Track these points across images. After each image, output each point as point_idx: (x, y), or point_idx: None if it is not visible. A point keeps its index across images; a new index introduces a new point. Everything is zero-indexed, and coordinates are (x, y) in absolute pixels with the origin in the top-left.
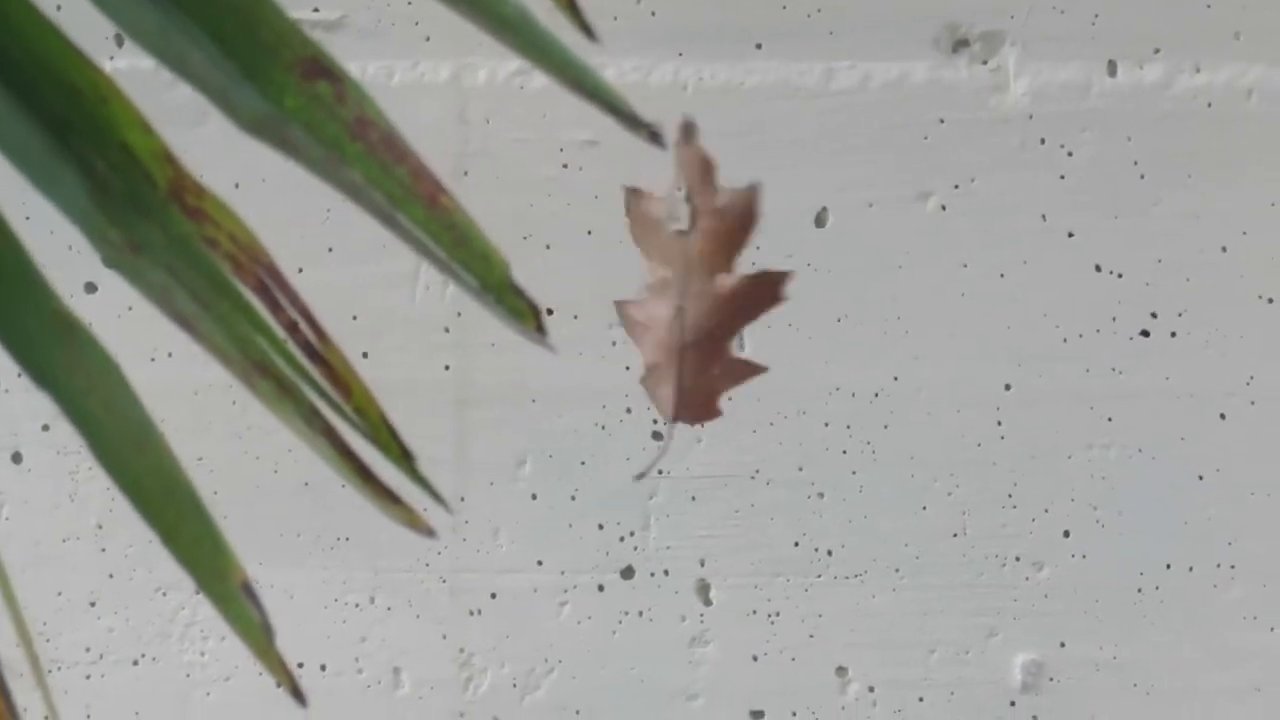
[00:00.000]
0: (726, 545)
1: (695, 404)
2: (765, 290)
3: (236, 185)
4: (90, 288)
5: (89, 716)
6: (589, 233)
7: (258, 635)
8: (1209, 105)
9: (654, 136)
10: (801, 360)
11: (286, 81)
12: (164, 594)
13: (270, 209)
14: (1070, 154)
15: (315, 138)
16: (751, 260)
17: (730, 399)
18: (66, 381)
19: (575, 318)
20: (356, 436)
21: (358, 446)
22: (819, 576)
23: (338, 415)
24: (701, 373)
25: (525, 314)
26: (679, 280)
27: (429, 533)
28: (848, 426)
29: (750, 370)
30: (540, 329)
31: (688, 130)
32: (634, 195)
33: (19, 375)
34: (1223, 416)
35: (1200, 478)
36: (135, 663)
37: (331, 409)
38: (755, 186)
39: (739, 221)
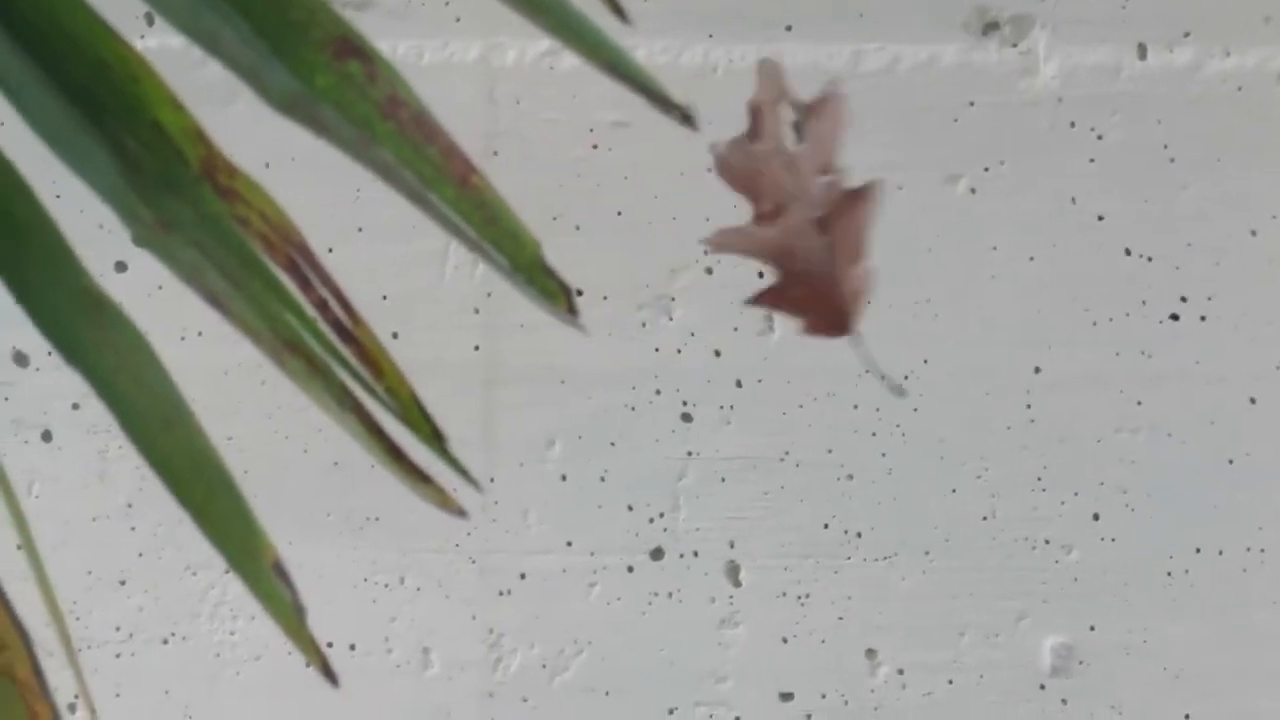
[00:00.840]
0: (756, 527)
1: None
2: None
3: (267, 165)
4: (121, 266)
5: (119, 695)
6: (619, 214)
7: (289, 614)
8: (1239, 89)
9: (685, 118)
10: (832, 343)
11: (317, 60)
12: (194, 573)
13: (301, 188)
14: (1100, 137)
15: (346, 117)
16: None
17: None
18: (97, 359)
19: (605, 299)
20: (387, 416)
21: (388, 426)
22: (848, 559)
23: (368, 394)
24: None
25: (557, 294)
26: (804, 192)
27: (460, 513)
28: (877, 409)
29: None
30: (572, 310)
31: (767, 69)
32: (731, 146)
33: (49, 353)
34: (1253, 401)
35: (1230, 461)
36: (165, 641)
37: (362, 388)
38: (835, 85)
39: (834, 120)
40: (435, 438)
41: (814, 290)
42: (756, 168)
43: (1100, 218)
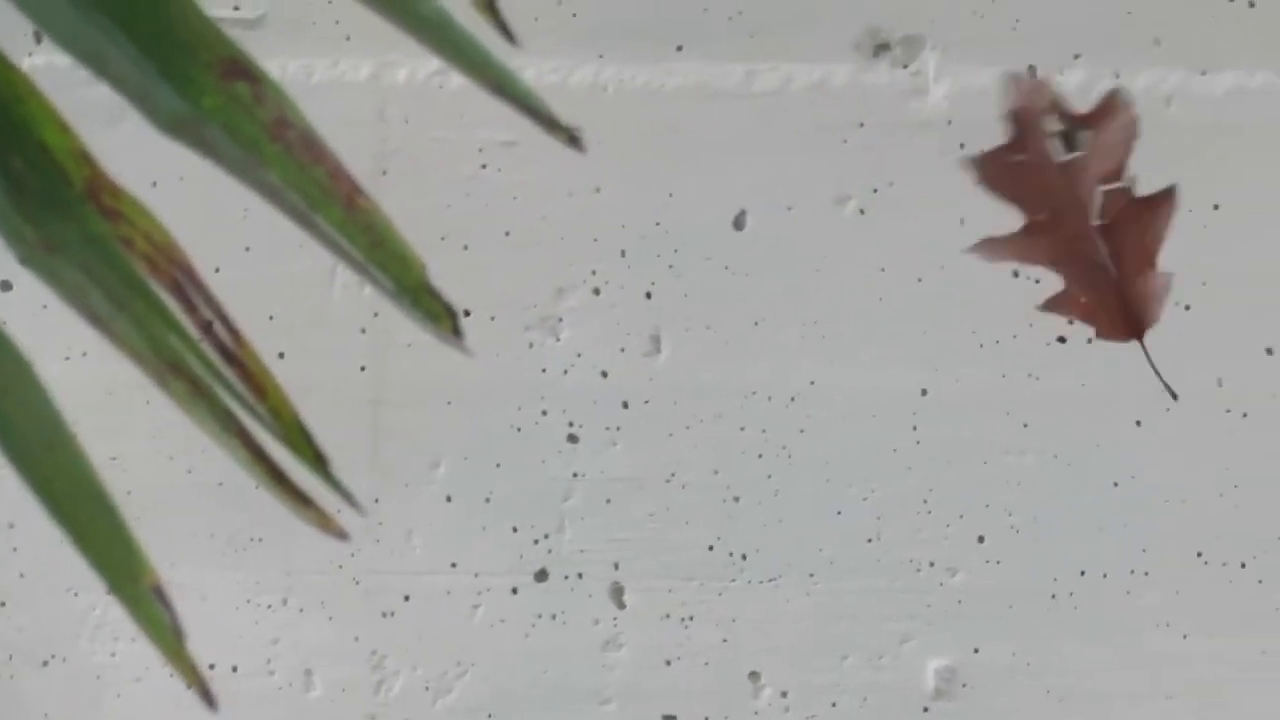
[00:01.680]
0: (641, 549)
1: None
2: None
3: (154, 184)
4: (5, 286)
5: None
6: (507, 233)
7: (168, 638)
8: None
9: (572, 139)
10: (718, 363)
11: (205, 81)
12: (75, 594)
13: (188, 207)
14: None
15: (233, 138)
16: (669, 264)
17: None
18: None
19: (492, 319)
20: (271, 438)
21: (272, 448)
22: (733, 581)
23: (252, 417)
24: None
25: (441, 316)
26: (1082, 201)
27: (342, 536)
28: (764, 430)
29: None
30: (456, 331)
31: (1022, 79)
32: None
33: None
34: (1138, 423)
35: (1115, 484)
36: (45, 664)
37: (246, 410)
38: (1120, 89)
39: (1122, 124)
40: (318, 461)
41: (1102, 296)
42: (1024, 177)
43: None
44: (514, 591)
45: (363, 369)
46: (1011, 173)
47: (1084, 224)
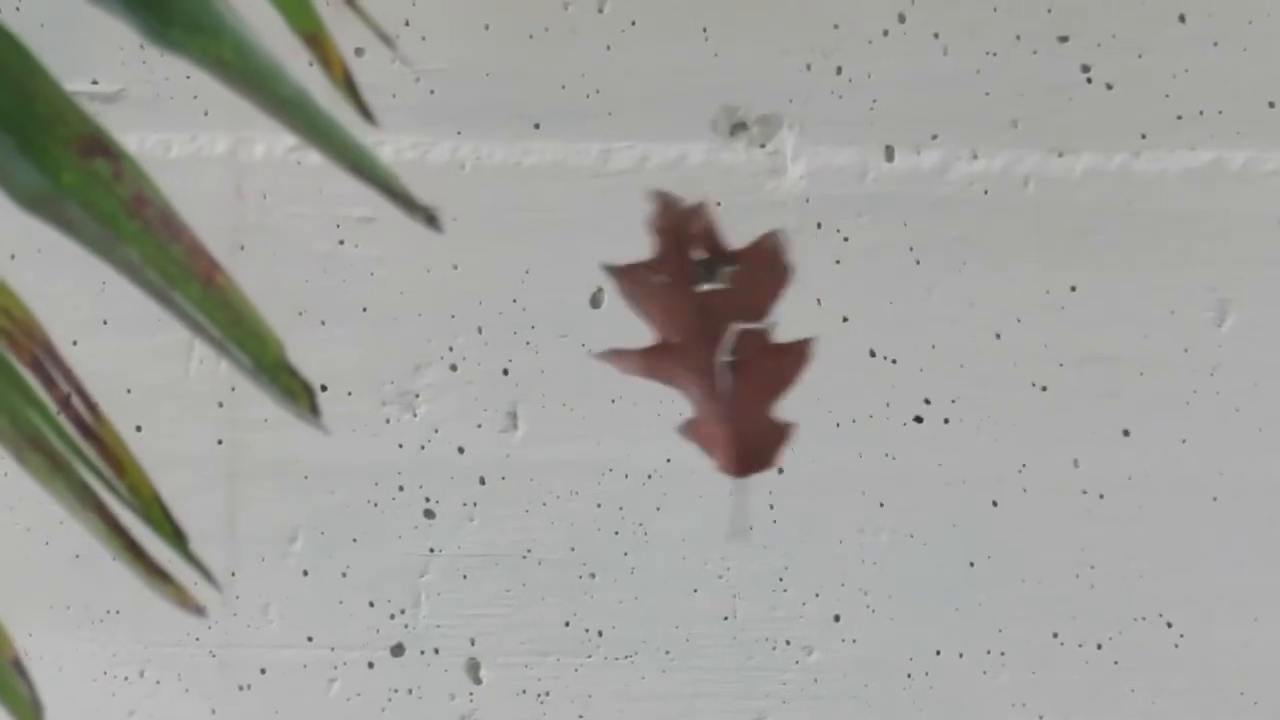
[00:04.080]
0: (497, 624)
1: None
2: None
3: (13, 256)
4: None
5: None
6: (364, 309)
7: (27, 711)
8: (985, 192)
9: (430, 219)
10: (575, 440)
11: (64, 158)
12: None
13: (46, 280)
14: (846, 239)
15: (92, 215)
16: (526, 340)
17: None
18: None
19: (349, 394)
20: (128, 512)
21: (129, 522)
22: (589, 657)
23: (110, 491)
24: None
25: (299, 394)
26: (722, 336)
27: (199, 611)
28: (620, 507)
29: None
30: (314, 409)
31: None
32: (628, 270)
33: None
34: (994, 504)
35: (971, 564)
36: None
37: (103, 485)
38: (778, 232)
39: (772, 267)
40: (176, 537)
41: (721, 430)
42: (661, 296)
43: (845, 319)
44: (370, 666)
45: (220, 443)
46: (649, 290)
47: (711, 356)
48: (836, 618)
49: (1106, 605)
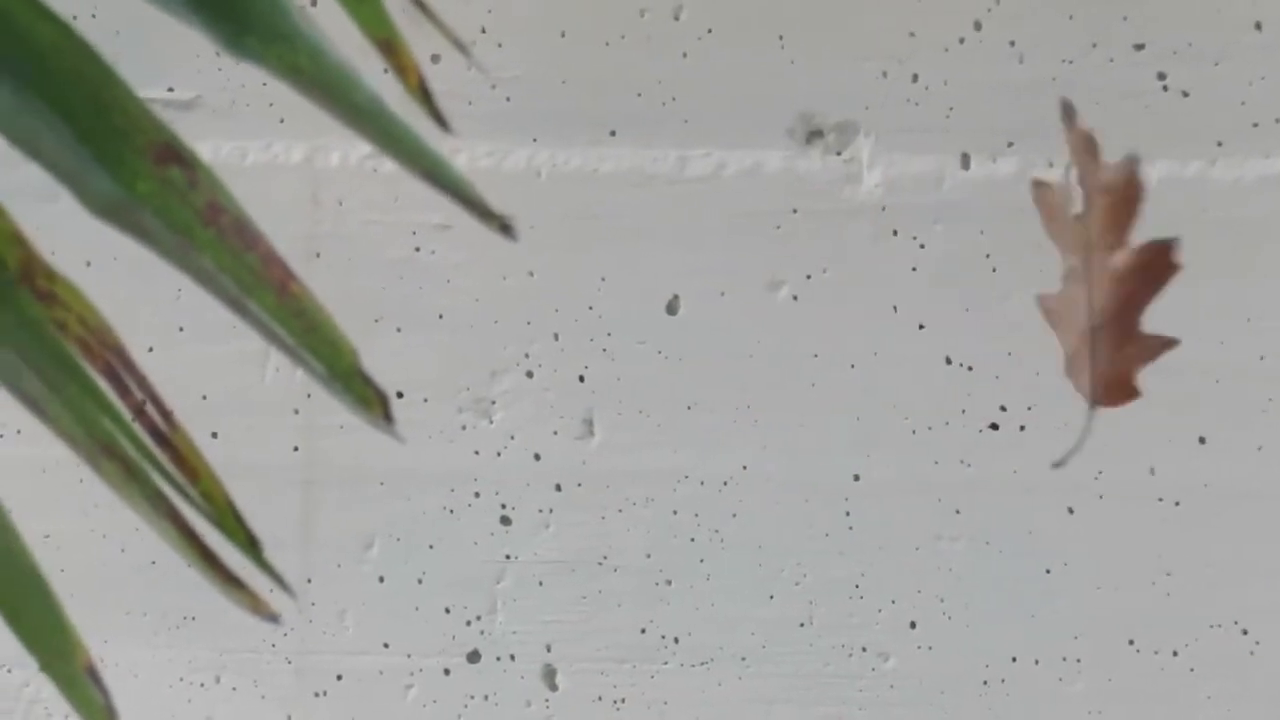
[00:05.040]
0: (573, 631)
1: (1112, 387)
2: (1158, 259)
3: (88, 264)
4: None
5: None
6: (440, 316)
7: (101, 717)
8: None
9: (505, 227)
10: (651, 447)
11: (139, 166)
12: (9, 670)
13: (122, 287)
14: (922, 246)
15: (166, 223)
16: (602, 347)
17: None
18: None
19: (425, 400)
20: (203, 520)
21: (204, 529)
22: (665, 664)
23: (184, 499)
24: (1115, 354)
25: (372, 402)
26: (1082, 264)
27: (273, 618)
28: (696, 514)
29: (1163, 345)
30: (387, 417)
31: (1068, 111)
32: (1037, 187)
33: None
34: (1070, 511)
35: (1047, 571)
36: None
37: (177, 492)
38: (1133, 159)
39: (1125, 195)
40: (250, 544)
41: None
42: (1060, 220)
43: (921, 326)
44: (446, 672)
45: (295, 450)
46: (1052, 210)
47: (1089, 279)
48: (913, 624)
49: (1182, 612)
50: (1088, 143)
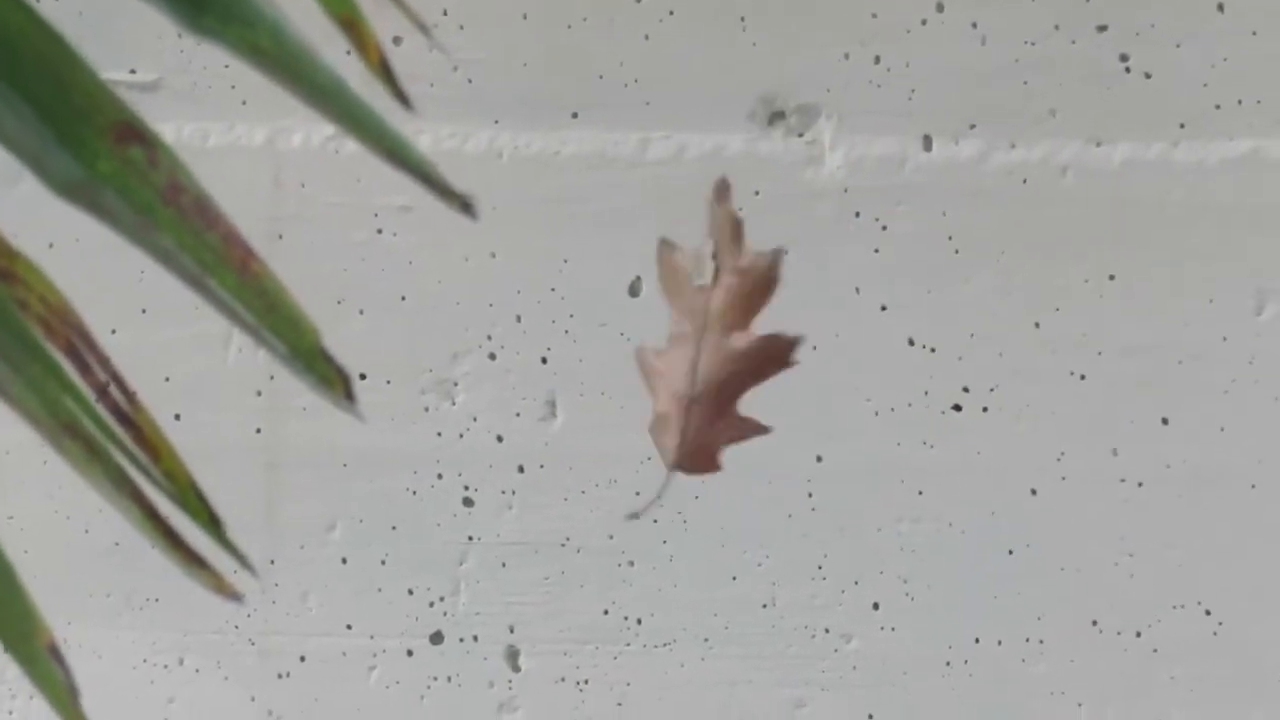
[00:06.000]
0: (536, 612)
1: (696, 456)
2: (776, 352)
3: (50, 245)
4: None
5: None
6: (403, 298)
7: (63, 697)
8: (1024, 182)
9: (466, 207)
10: (613, 429)
11: (100, 146)
12: None
13: (84, 269)
14: (885, 228)
15: (128, 203)
16: (564, 329)
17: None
18: None
19: (388, 382)
20: (165, 500)
21: (167, 510)
22: (628, 645)
23: (147, 479)
24: (707, 426)
25: (334, 381)
26: (696, 334)
27: (236, 598)
28: (659, 495)
29: (754, 429)
30: (349, 396)
31: (721, 190)
32: (664, 247)
33: None
34: (1033, 492)
35: (1010, 552)
36: None
37: (140, 472)
38: (779, 252)
39: (759, 283)
40: (212, 523)
41: (678, 424)
42: (681, 285)
43: (884, 308)
44: (409, 654)
45: (258, 432)
46: (675, 273)
47: (699, 350)
48: (875, 606)
49: (1145, 594)
50: (733, 224)
